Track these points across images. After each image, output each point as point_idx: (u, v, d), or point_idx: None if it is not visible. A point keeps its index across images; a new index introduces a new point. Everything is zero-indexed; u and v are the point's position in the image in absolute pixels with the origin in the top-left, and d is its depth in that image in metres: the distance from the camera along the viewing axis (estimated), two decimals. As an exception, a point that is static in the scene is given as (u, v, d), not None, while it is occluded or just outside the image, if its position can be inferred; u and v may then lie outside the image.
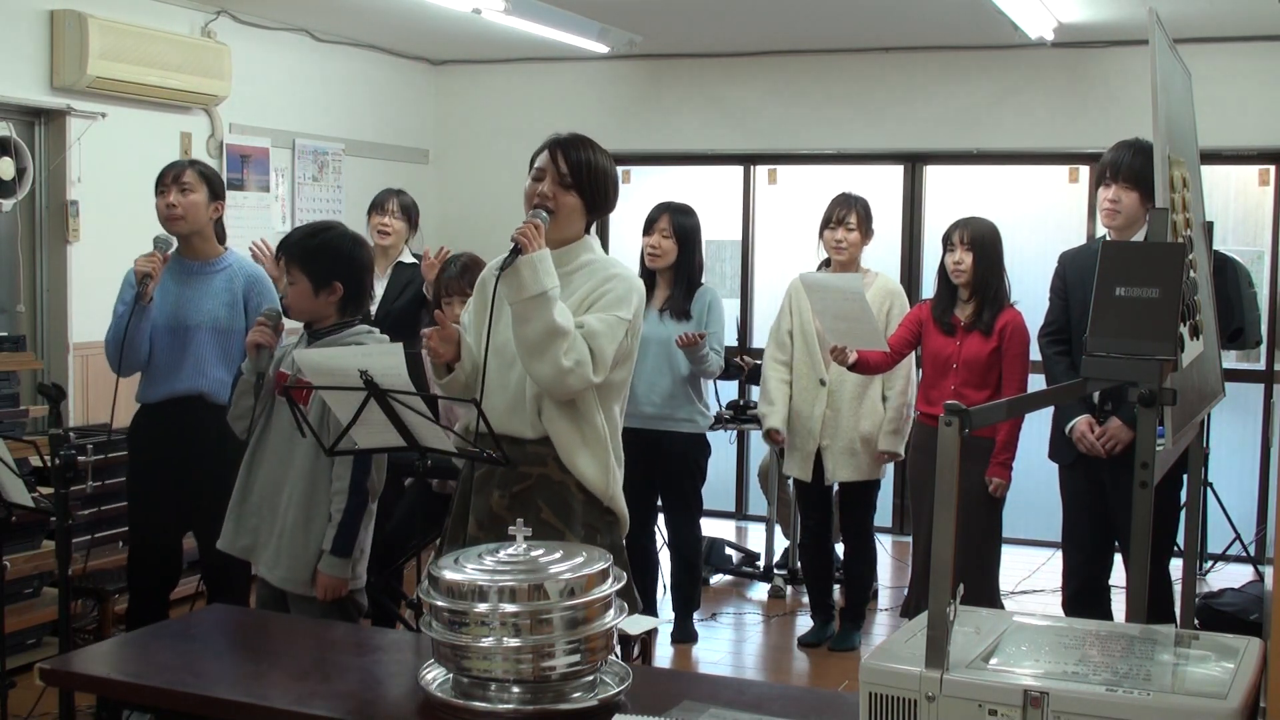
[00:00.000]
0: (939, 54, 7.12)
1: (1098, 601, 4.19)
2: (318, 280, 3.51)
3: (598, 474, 3.07)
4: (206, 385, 4.19)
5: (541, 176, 3.11)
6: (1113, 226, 4.03)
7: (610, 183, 3.17)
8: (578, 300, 3.06)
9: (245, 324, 4.21)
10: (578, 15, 6.22)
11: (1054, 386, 3.81)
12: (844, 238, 5.03)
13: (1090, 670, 1.88)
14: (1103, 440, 4.01)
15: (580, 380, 2.96)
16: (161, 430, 4.21)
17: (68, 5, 5.51)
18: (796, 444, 5.16)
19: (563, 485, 3.06)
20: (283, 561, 3.47)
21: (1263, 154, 6.71)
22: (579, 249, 3.13)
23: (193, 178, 4.21)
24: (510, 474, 3.06)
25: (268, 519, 3.52)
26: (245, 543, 3.57)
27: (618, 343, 3.03)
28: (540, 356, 2.93)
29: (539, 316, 2.91)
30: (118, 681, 2.53)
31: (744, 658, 5.42)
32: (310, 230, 3.65)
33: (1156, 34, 2.88)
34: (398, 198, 5.54)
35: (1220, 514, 6.31)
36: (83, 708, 3.00)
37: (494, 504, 3.07)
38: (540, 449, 3.06)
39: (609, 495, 3.11)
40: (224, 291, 4.23)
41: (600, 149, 3.17)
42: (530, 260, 2.92)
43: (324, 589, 3.43)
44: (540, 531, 2.99)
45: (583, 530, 3.06)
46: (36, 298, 5.71)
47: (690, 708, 2.26)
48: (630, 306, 3.07)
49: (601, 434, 3.08)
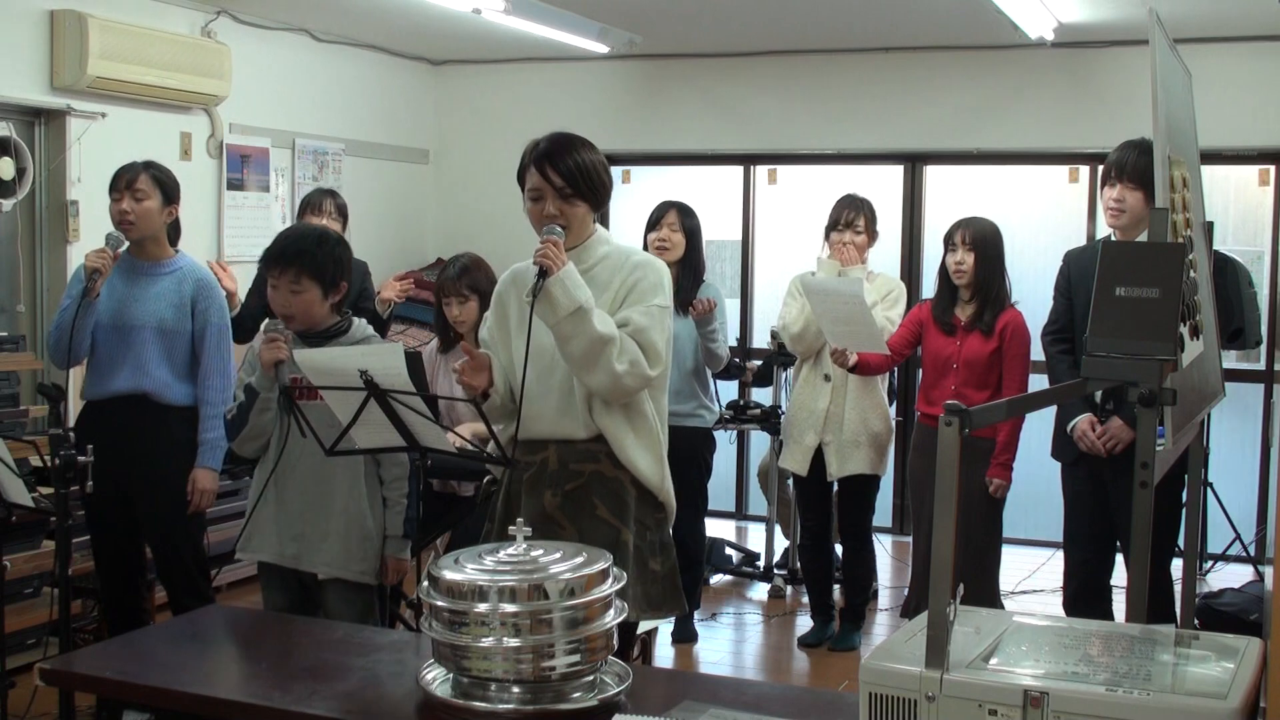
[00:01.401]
0: (939, 54, 7.12)
1: (1099, 601, 4.19)
2: (328, 285, 3.52)
3: (652, 467, 3.06)
4: (150, 385, 4.17)
5: (539, 196, 3.06)
6: (1117, 226, 4.02)
7: (603, 172, 3.11)
8: (610, 295, 3.03)
9: (191, 328, 4.21)
10: (578, 15, 6.22)
11: (1054, 386, 3.81)
12: (851, 240, 5.04)
13: (1090, 670, 1.88)
14: (1104, 439, 4.01)
15: (638, 379, 2.95)
16: (106, 427, 4.16)
17: (68, 5, 5.51)
18: (795, 436, 5.15)
19: (616, 481, 3.03)
20: (355, 555, 3.49)
21: (1263, 154, 6.71)
22: (594, 244, 3.11)
23: (146, 183, 4.19)
24: (562, 473, 3.04)
25: (316, 521, 3.51)
26: (291, 551, 3.54)
27: (665, 332, 3.02)
28: (592, 368, 2.91)
29: (581, 331, 2.89)
30: (118, 681, 2.53)
31: (744, 658, 5.42)
32: (315, 238, 3.59)
33: (1156, 34, 2.88)
34: (332, 199, 5.45)
35: (1220, 514, 6.31)
36: (83, 708, 3.00)
37: (547, 504, 3.04)
38: (593, 446, 3.04)
39: (663, 489, 3.09)
40: (172, 294, 4.21)
41: (580, 141, 3.10)
42: (559, 280, 2.89)
43: (394, 572, 3.55)
44: (594, 530, 2.99)
45: (635, 527, 3.04)
46: (36, 298, 5.71)
47: (690, 708, 2.26)
48: (665, 291, 3.06)
49: (653, 426, 3.07)
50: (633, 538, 3.02)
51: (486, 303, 4.55)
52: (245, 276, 5.47)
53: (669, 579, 3.11)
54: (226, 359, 4.29)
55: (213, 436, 4.20)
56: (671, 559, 3.13)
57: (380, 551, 3.53)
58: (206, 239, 6.34)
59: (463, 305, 4.53)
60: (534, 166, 3.07)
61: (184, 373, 4.22)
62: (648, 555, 3.06)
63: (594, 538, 2.96)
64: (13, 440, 3.94)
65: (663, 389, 3.15)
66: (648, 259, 3.13)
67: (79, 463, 3.36)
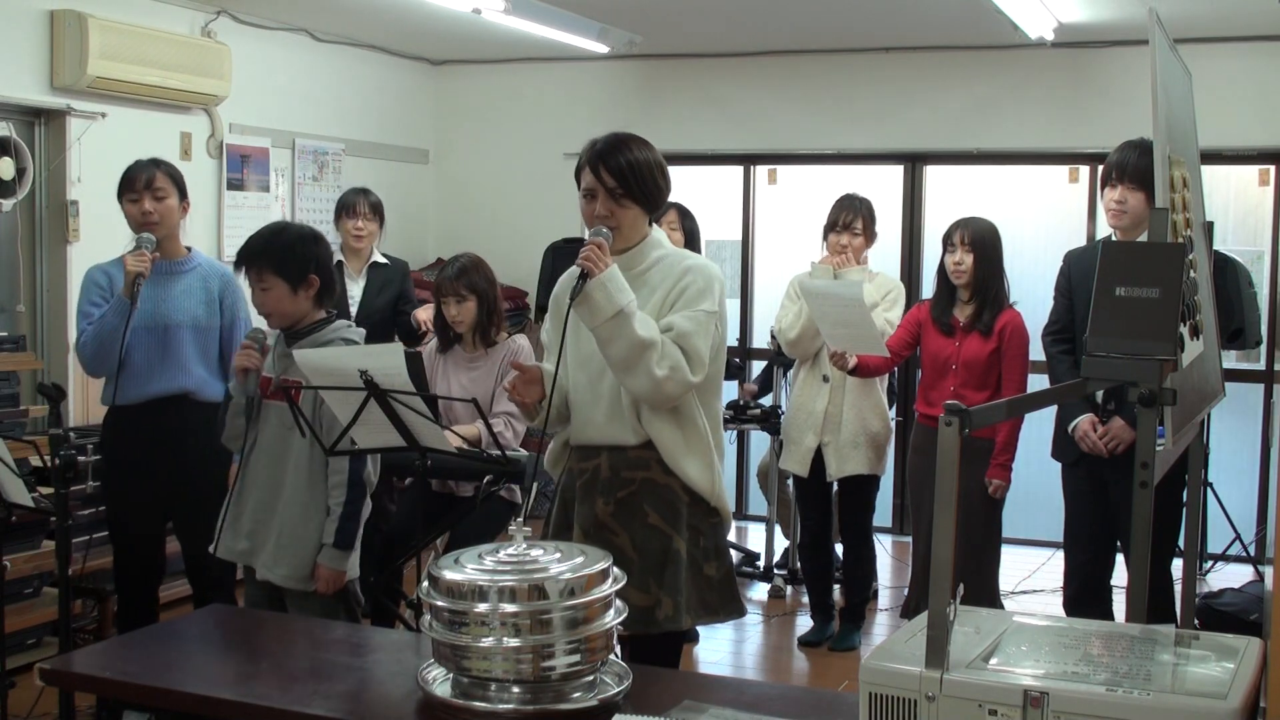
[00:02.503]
0: (939, 54, 7.12)
1: (1099, 601, 4.19)
2: (294, 278, 3.49)
3: (703, 474, 3.03)
4: (191, 383, 4.19)
5: (592, 195, 3.01)
6: (1119, 227, 4.02)
7: (659, 173, 3.03)
8: (659, 300, 3.00)
9: (220, 323, 4.24)
10: (578, 15, 6.22)
11: (1054, 386, 3.81)
12: (849, 242, 5.03)
13: (1090, 670, 1.88)
14: (1105, 440, 4.01)
15: (679, 385, 2.91)
16: (143, 431, 4.17)
17: (68, 5, 5.51)
18: (794, 437, 5.15)
19: (668, 488, 3.01)
20: (284, 559, 3.47)
21: (1263, 154, 6.71)
22: (647, 248, 3.05)
23: (164, 181, 4.19)
24: (614, 480, 3.02)
25: (264, 520, 3.53)
26: (242, 546, 3.57)
27: (710, 338, 2.98)
28: (633, 372, 2.88)
29: (622, 335, 2.86)
30: (118, 681, 2.53)
31: (744, 658, 5.42)
32: (269, 232, 3.60)
33: (1156, 34, 2.88)
34: (366, 198, 5.51)
35: (1220, 514, 6.31)
36: (83, 708, 3.01)
37: (599, 512, 3.02)
38: (644, 453, 3.01)
39: (715, 494, 3.06)
40: (200, 290, 4.23)
41: (638, 141, 3.04)
42: (600, 282, 2.85)
43: (325, 581, 3.45)
44: (646, 537, 2.97)
45: (688, 533, 3.02)
46: (36, 298, 5.71)
47: (690, 708, 2.26)
48: (714, 297, 3.00)
49: (704, 433, 3.03)
50: (685, 544, 3.00)
51: (485, 303, 4.58)
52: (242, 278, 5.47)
53: (725, 583, 3.09)
54: None
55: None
56: (727, 563, 3.11)
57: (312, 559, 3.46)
58: (206, 239, 6.34)
59: (460, 305, 4.53)
60: (588, 165, 3.02)
61: (216, 369, 4.26)
62: (702, 561, 3.05)
63: (647, 545, 2.96)
64: (13, 440, 3.94)
65: (715, 394, 3.11)
66: (701, 263, 3.07)
67: (79, 463, 3.36)
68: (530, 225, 7.50)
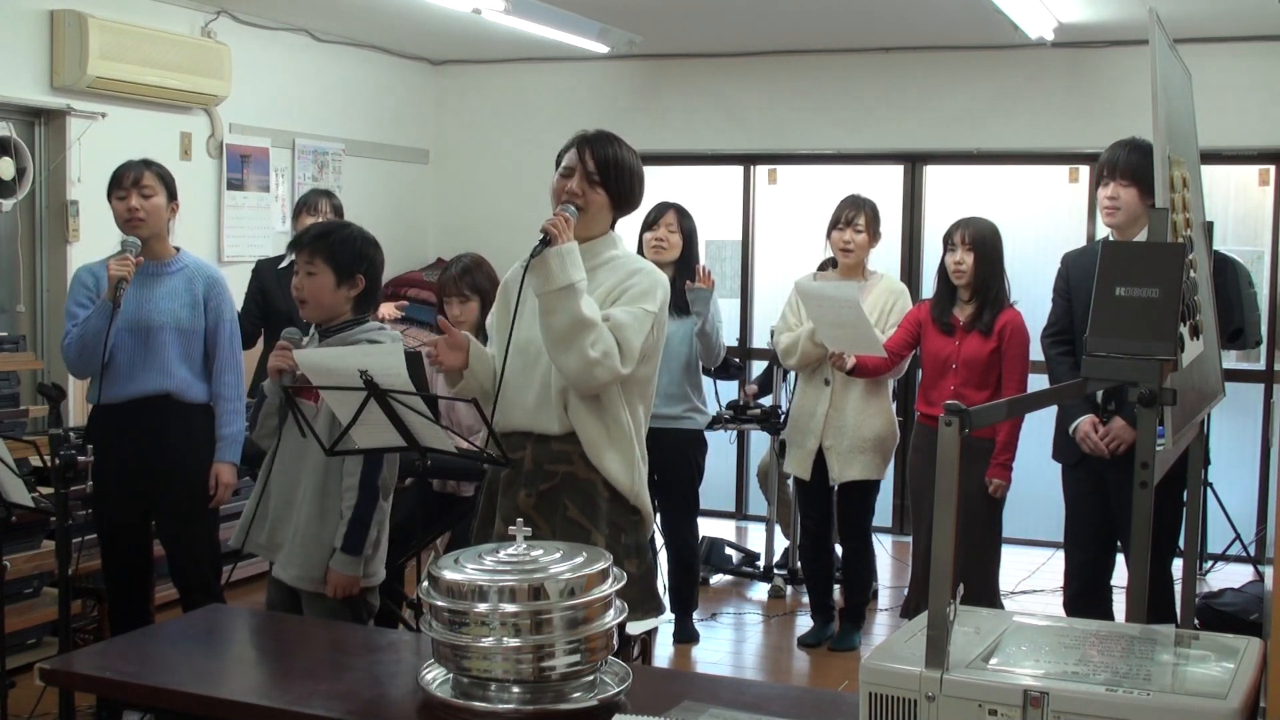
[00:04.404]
0: (939, 54, 7.12)
1: (1099, 601, 4.19)
2: (342, 271, 3.51)
3: (623, 471, 3.07)
4: (173, 385, 4.17)
5: (570, 173, 3.12)
6: (1113, 224, 4.03)
7: (636, 180, 3.18)
8: (603, 294, 3.05)
9: (205, 325, 4.22)
10: (578, 15, 6.22)
11: (1054, 386, 3.81)
12: (852, 239, 5.04)
13: (1090, 670, 1.88)
14: (1106, 440, 4.01)
15: (608, 372, 2.95)
16: (125, 430, 4.16)
17: (68, 5, 5.51)
18: (796, 440, 5.16)
19: (589, 483, 3.05)
20: (296, 559, 3.48)
21: (1263, 154, 6.71)
22: (604, 245, 3.14)
23: (152, 180, 4.18)
24: (536, 473, 3.06)
25: (284, 518, 3.54)
26: (263, 540, 3.58)
27: (644, 335, 3.03)
28: (567, 348, 2.93)
29: (565, 308, 2.92)
30: (118, 681, 2.52)
31: (744, 658, 5.42)
32: (333, 224, 3.71)
33: (1156, 34, 2.88)
34: (328, 199, 5.45)
35: (1220, 514, 6.31)
36: (83, 708, 3.01)
37: (521, 503, 3.06)
38: (566, 446, 3.05)
39: (634, 493, 3.10)
40: (184, 292, 4.21)
41: (627, 146, 3.18)
42: (559, 251, 2.94)
43: (334, 586, 3.45)
44: (566, 530, 3.00)
45: (608, 529, 3.05)
46: (36, 298, 5.71)
47: (690, 708, 2.26)
48: (656, 300, 3.07)
49: (627, 430, 3.07)
50: (605, 539, 3.03)
51: (487, 303, 4.57)
52: (242, 277, 5.48)
53: (645, 582, 3.12)
54: (239, 354, 4.32)
55: (231, 431, 4.23)
56: (647, 562, 3.14)
57: (325, 563, 3.46)
58: (206, 239, 6.34)
59: (463, 305, 4.54)
60: (574, 147, 3.14)
61: (200, 370, 4.24)
62: (622, 558, 3.06)
63: (565, 538, 2.97)
64: (13, 440, 3.94)
65: (643, 398, 3.15)
66: (650, 268, 3.15)
67: (79, 462, 3.36)
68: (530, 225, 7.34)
